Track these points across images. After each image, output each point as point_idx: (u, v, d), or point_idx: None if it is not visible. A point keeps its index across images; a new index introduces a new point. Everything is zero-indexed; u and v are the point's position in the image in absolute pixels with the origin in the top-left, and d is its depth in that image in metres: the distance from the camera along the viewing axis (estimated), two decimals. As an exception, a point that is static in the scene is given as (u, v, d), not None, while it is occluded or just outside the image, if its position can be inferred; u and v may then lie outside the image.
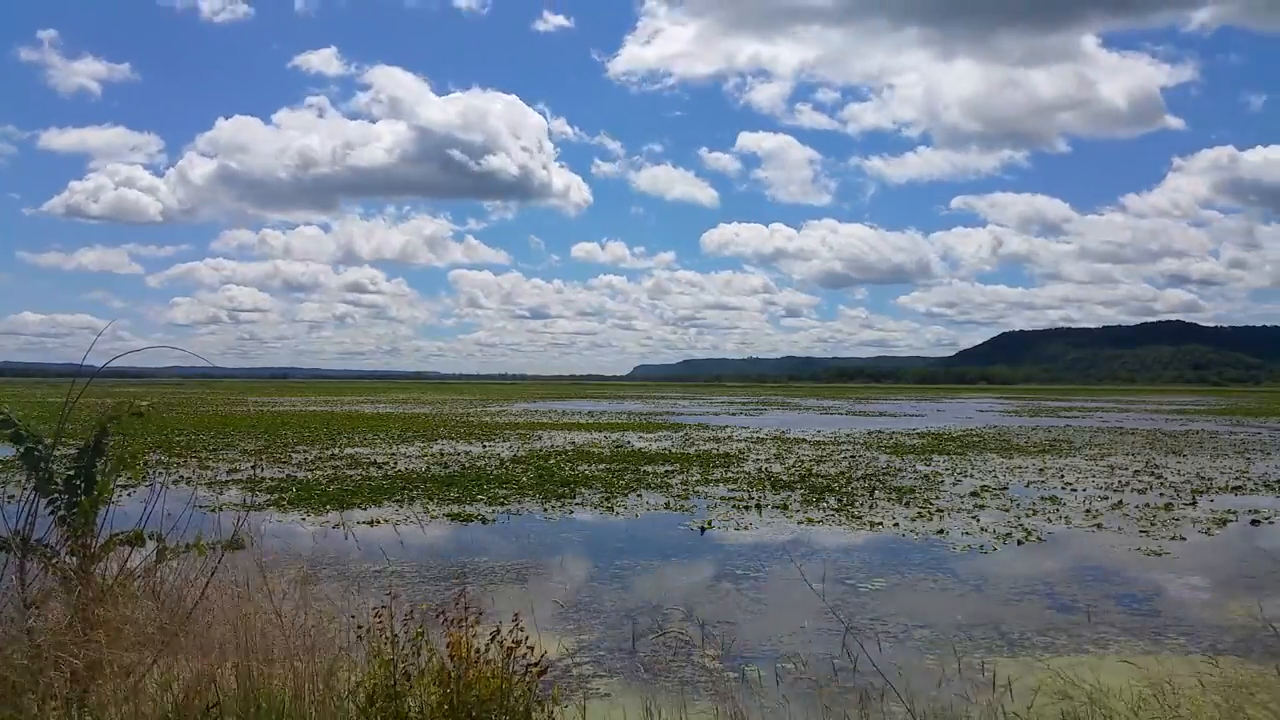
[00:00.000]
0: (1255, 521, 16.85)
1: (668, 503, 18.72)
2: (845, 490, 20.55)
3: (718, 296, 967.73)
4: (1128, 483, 22.62)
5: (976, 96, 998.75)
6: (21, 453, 5.65)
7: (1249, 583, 11.96)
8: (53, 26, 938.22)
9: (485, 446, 32.81)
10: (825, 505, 18.32)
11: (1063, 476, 23.98)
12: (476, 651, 5.10)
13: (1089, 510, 18.02)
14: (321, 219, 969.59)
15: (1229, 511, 17.90)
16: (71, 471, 5.77)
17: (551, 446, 32.85)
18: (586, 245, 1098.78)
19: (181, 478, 21.55)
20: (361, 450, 30.59)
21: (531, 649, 5.25)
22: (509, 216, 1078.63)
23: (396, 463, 26.22)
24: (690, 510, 17.78)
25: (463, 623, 5.22)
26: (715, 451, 31.26)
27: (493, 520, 16.43)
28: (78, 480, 5.75)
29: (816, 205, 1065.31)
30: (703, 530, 15.64)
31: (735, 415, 62.29)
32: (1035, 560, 13.44)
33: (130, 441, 6.65)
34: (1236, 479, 23.63)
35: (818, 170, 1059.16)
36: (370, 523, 15.84)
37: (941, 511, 17.67)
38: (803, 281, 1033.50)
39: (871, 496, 19.62)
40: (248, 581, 6.02)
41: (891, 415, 64.66)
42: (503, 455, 28.98)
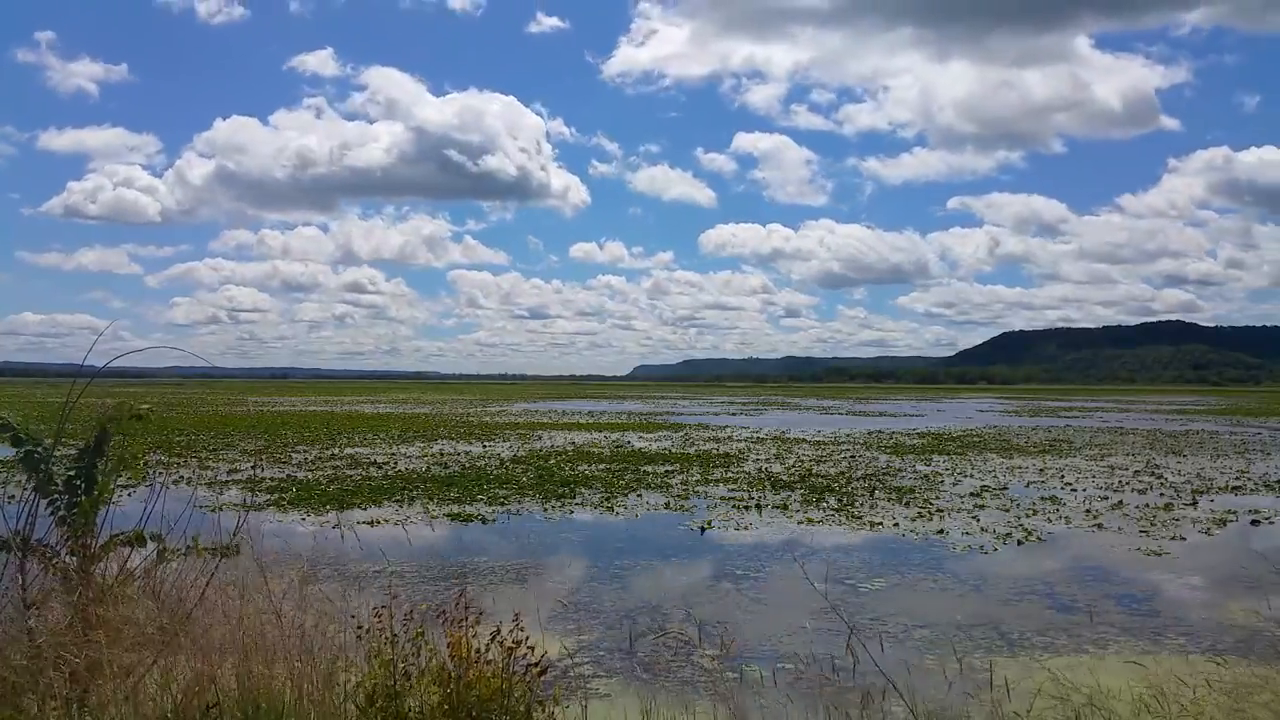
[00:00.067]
0: (1255, 522, 16.86)
1: (668, 503, 18.72)
2: (845, 490, 20.55)
3: (717, 297, 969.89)
4: (1128, 483, 22.62)
5: (971, 97, 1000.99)
6: (21, 456, 5.65)
7: (1249, 583, 11.95)
8: (50, 28, 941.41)
9: (485, 446, 32.81)
10: (825, 505, 18.32)
11: (1063, 476, 23.98)
12: (477, 651, 5.09)
13: (1089, 510, 18.02)
14: (320, 219, 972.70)
15: (1229, 512, 17.90)
16: (72, 472, 5.76)
17: (551, 446, 32.84)
18: (585, 245, 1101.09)
19: (181, 478, 21.53)
20: (361, 450, 30.58)
21: (532, 649, 5.23)
22: (507, 217, 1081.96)
23: (396, 463, 26.22)
24: (690, 510, 17.78)
25: (463, 623, 5.21)
26: (715, 451, 31.25)
27: (493, 520, 16.43)
28: (78, 480, 5.74)
29: (814, 206, 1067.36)
30: (703, 530, 15.64)
31: (735, 415, 62.30)
32: (1035, 560, 13.44)
33: (130, 442, 6.63)
34: (1236, 479, 23.64)
35: (814, 171, 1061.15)
36: (370, 523, 15.84)
37: (941, 511, 17.67)
38: (801, 282, 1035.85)
39: (871, 496, 19.62)
40: (248, 582, 6.02)
41: (891, 415, 64.66)
42: (503, 455, 28.98)
